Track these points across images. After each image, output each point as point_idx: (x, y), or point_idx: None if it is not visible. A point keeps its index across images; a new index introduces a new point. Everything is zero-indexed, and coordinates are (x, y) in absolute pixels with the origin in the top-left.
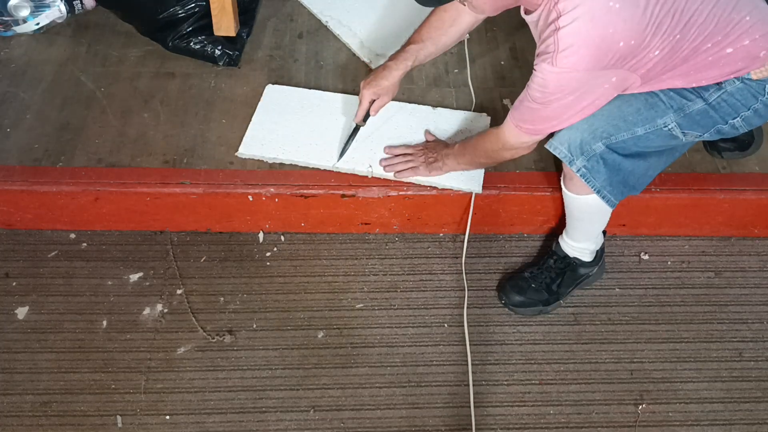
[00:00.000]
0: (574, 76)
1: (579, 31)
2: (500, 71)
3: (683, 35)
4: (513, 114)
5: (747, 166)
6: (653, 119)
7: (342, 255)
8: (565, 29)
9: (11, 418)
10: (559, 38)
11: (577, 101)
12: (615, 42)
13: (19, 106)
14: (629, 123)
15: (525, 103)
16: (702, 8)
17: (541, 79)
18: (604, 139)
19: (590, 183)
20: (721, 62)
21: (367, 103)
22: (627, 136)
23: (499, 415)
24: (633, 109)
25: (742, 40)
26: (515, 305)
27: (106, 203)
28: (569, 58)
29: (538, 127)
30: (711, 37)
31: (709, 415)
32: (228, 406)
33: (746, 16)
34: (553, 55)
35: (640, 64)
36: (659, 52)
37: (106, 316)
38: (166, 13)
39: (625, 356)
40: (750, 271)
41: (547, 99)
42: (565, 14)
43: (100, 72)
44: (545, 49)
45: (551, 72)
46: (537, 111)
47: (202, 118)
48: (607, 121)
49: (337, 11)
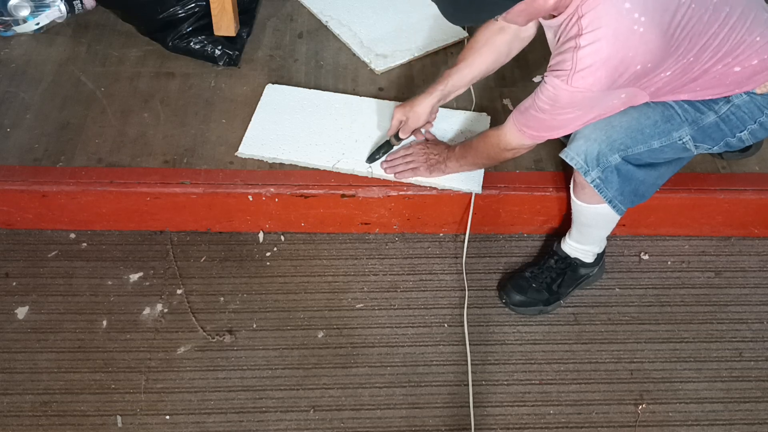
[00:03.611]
0: (587, 96)
1: (599, 53)
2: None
3: (696, 58)
4: (517, 117)
5: (747, 166)
6: (669, 132)
7: (342, 255)
8: (585, 49)
9: (11, 418)
10: (578, 58)
11: (584, 115)
12: (633, 65)
13: (19, 106)
14: (646, 136)
15: (531, 111)
16: (718, 31)
17: (553, 94)
18: (621, 152)
19: (603, 193)
20: (728, 80)
21: (396, 122)
22: (643, 148)
23: (499, 415)
24: (650, 122)
25: (750, 60)
26: (516, 305)
27: (106, 203)
28: (586, 79)
29: (542, 134)
30: (722, 59)
31: (709, 415)
32: (228, 406)
33: (757, 37)
34: (570, 73)
35: (650, 83)
36: (671, 72)
37: (106, 316)
38: (166, 13)
39: (625, 356)
40: (750, 271)
41: (555, 112)
42: (588, 33)
43: (100, 72)
44: (561, 65)
45: (565, 90)
46: (543, 121)
47: (202, 118)
48: (625, 134)
49: (337, 11)
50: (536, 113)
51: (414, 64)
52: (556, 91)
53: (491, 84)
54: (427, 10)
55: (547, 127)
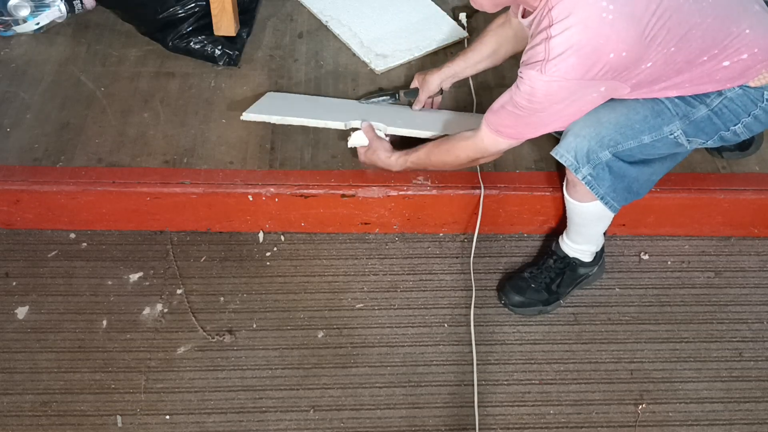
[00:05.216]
0: (563, 85)
1: (570, 40)
2: (500, 71)
3: (678, 48)
4: (490, 119)
5: (747, 166)
6: (660, 127)
7: (342, 255)
8: (556, 38)
9: (11, 418)
10: (550, 47)
11: (564, 109)
12: (606, 53)
13: (19, 105)
14: (636, 131)
15: (508, 107)
16: (700, 21)
17: (529, 87)
18: (611, 148)
19: (594, 190)
20: (718, 75)
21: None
22: (634, 144)
23: (499, 415)
24: (640, 117)
25: (740, 54)
26: (515, 305)
27: (106, 203)
28: (559, 66)
29: (521, 132)
30: (707, 50)
31: (709, 415)
32: (228, 406)
33: (746, 29)
34: (543, 63)
35: (631, 75)
36: (651, 63)
37: (106, 316)
38: (166, 13)
39: (625, 356)
40: (750, 271)
41: (533, 107)
42: (558, 23)
43: (100, 72)
44: (534, 56)
45: (540, 80)
46: (521, 117)
47: (202, 118)
48: (614, 130)
49: (337, 11)
50: (513, 109)
51: (414, 64)
52: (531, 82)
53: (491, 84)
54: (427, 10)
55: (525, 124)
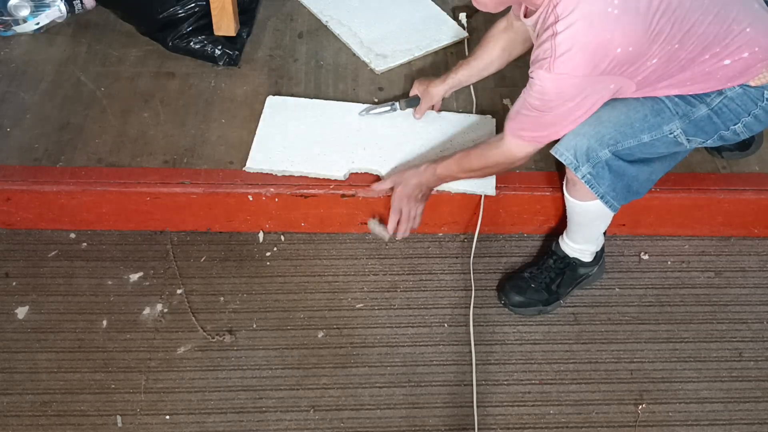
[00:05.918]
0: (572, 82)
1: (576, 36)
2: (500, 72)
3: (681, 45)
4: (511, 125)
5: (747, 166)
6: (659, 126)
7: (342, 255)
8: (562, 34)
9: (11, 418)
10: (556, 44)
11: (576, 107)
12: (612, 48)
13: (19, 105)
14: (636, 130)
15: (523, 111)
16: (702, 18)
17: (540, 87)
18: (611, 146)
19: (594, 189)
20: (719, 74)
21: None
22: (633, 143)
23: (499, 415)
24: (640, 116)
25: (741, 52)
26: (515, 305)
27: (106, 203)
28: (566, 63)
29: (540, 134)
30: (709, 48)
31: (709, 415)
32: (228, 406)
33: (747, 28)
34: (550, 60)
35: (638, 72)
36: (657, 60)
37: (106, 316)
38: (166, 12)
39: (625, 356)
40: (750, 271)
41: (546, 106)
42: (563, 19)
43: (100, 72)
44: (542, 54)
45: (549, 78)
46: (537, 118)
47: (202, 118)
48: (614, 128)
49: (337, 11)
50: (528, 112)
51: (414, 64)
52: (542, 82)
53: (491, 84)
54: (428, 10)
55: (541, 124)
